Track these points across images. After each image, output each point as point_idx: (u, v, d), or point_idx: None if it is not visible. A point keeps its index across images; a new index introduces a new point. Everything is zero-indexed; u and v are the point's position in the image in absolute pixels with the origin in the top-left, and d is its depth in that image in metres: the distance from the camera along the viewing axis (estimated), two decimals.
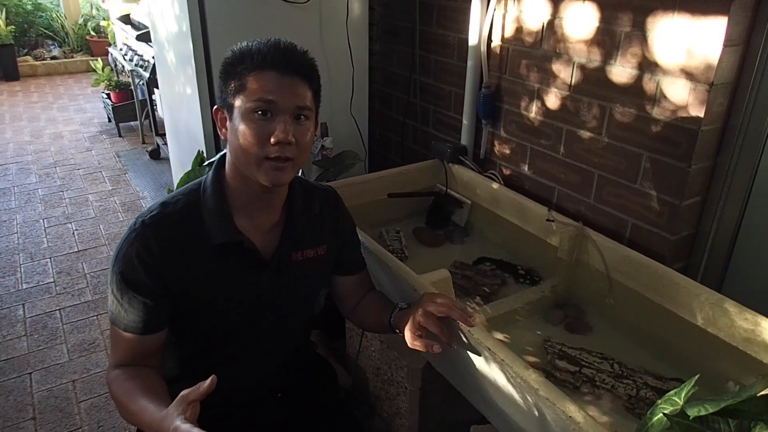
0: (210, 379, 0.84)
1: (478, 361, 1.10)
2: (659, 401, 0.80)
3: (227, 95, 1.00)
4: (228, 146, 1.03)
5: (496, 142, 1.93)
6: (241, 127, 0.97)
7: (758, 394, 0.72)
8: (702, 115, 1.30)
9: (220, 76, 1.03)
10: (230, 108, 1.00)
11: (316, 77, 1.04)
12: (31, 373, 2.12)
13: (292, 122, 0.98)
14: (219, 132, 1.05)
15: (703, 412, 0.71)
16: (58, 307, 2.50)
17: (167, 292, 1.03)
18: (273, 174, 0.99)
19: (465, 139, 2.00)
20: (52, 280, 2.70)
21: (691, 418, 0.72)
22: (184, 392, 0.85)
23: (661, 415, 0.77)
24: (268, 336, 1.18)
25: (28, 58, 6.57)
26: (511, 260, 1.66)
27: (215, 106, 1.05)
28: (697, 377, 0.78)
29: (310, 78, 1.02)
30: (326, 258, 1.21)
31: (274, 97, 0.96)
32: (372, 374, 1.68)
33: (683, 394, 0.78)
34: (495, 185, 1.82)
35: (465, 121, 1.98)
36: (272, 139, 0.96)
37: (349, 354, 1.83)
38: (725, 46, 1.24)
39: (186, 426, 0.80)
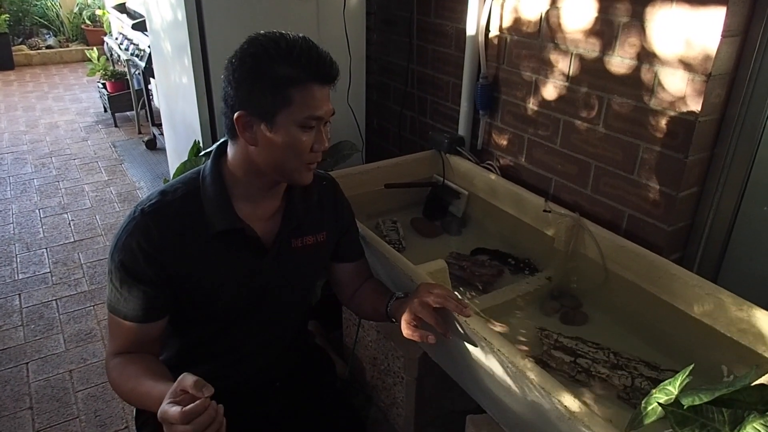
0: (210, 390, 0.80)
1: (475, 351, 1.11)
2: (654, 390, 0.81)
3: (262, 103, 0.95)
4: (258, 150, 1.00)
5: (493, 133, 1.93)
6: (289, 138, 0.98)
7: (752, 384, 0.72)
8: (699, 106, 1.30)
9: (247, 78, 0.96)
10: (267, 116, 0.96)
11: None
12: (27, 363, 2.12)
13: (325, 127, 1.03)
14: (241, 135, 0.99)
15: (697, 402, 0.72)
16: (54, 298, 2.49)
17: (168, 281, 1.03)
18: (310, 175, 1.06)
19: (462, 129, 1.99)
20: (48, 270, 2.69)
21: (685, 407, 0.73)
22: (184, 378, 0.80)
23: (656, 404, 0.78)
24: (266, 325, 1.18)
25: (23, 47, 6.52)
26: (508, 251, 1.67)
27: (239, 111, 0.97)
28: (691, 367, 0.79)
29: (335, 82, 1.03)
30: (326, 245, 1.21)
31: (321, 113, 0.99)
32: (369, 364, 1.69)
33: (678, 384, 0.78)
34: (492, 176, 1.82)
35: (462, 112, 1.97)
36: (315, 147, 1.01)
37: (346, 344, 1.83)
38: (723, 36, 1.23)
39: (171, 408, 0.77)
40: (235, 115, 0.97)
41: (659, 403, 0.77)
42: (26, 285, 2.58)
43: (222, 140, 1.09)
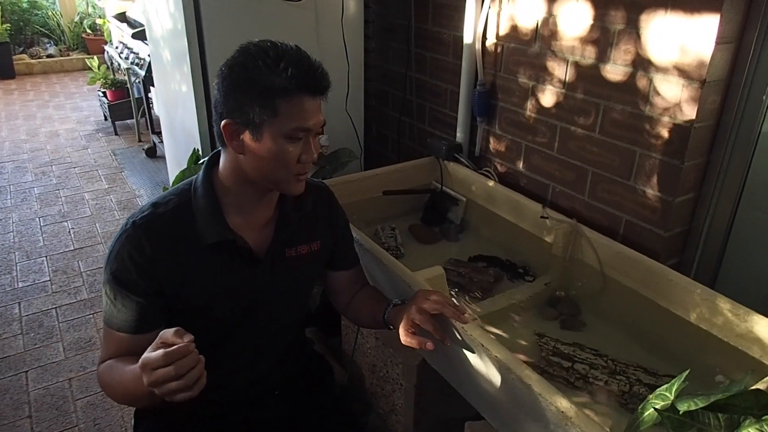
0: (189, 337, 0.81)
1: (473, 358, 1.11)
2: (650, 396, 0.81)
3: (249, 112, 0.95)
4: (246, 159, 1.00)
5: (491, 140, 1.93)
6: (275, 149, 0.97)
7: (748, 389, 0.73)
8: (695, 112, 1.31)
9: (235, 87, 0.96)
10: (254, 126, 0.96)
11: None
12: (27, 372, 2.12)
13: (314, 138, 1.02)
14: (228, 143, 1.00)
15: (693, 407, 0.72)
16: (54, 306, 2.49)
17: (161, 293, 1.03)
18: (300, 185, 1.05)
19: (460, 136, 2.00)
20: (48, 278, 2.69)
21: (681, 412, 0.73)
22: (164, 332, 0.81)
23: (652, 409, 0.78)
24: (263, 333, 1.18)
25: (24, 56, 6.54)
26: (506, 257, 1.67)
27: (226, 120, 0.97)
28: (687, 372, 0.79)
29: (326, 94, 1.02)
30: (320, 253, 1.21)
31: (310, 125, 0.98)
32: (368, 371, 1.69)
33: (674, 389, 0.78)
34: (490, 182, 1.82)
35: (460, 119, 1.98)
36: (303, 158, 1.00)
37: (345, 351, 1.83)
38: (718, 43, 1.24)
39: (152, 353, 0.78)
40: (222, 123, 0.98)
41: (655, 409, 0.77)
42: (26, 293, 2.58)
43: (214, 151, 1.09)
